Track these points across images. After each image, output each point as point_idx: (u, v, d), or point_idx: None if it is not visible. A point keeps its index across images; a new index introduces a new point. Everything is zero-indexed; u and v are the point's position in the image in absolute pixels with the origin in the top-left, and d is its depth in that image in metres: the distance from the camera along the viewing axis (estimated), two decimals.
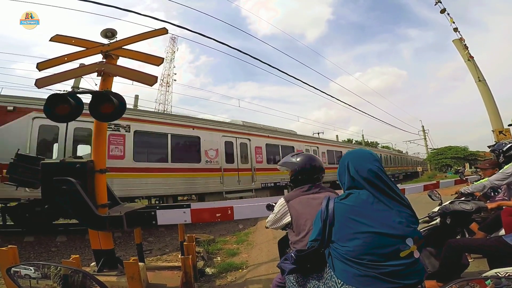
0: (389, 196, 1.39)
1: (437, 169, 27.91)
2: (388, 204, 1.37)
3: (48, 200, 2.67)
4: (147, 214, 2.68)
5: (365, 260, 1.29)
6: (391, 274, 1.28)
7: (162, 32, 3.55)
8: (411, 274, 1.31)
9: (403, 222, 1.33)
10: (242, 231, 7.73)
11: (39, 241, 6.82)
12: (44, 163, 2.74)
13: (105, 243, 2.93)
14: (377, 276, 1.27)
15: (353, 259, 1.31)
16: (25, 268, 1.19)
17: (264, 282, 3.74)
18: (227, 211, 2.80)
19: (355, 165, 1.48)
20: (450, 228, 2.76)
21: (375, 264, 1.28)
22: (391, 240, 1.30)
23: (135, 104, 24.55)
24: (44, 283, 1.15)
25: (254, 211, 3.05)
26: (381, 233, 1.30)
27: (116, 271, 2.89)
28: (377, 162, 1.48)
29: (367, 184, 1.41)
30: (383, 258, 1.28)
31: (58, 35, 3.47)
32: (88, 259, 5.15)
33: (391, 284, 1.28)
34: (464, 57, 12.81)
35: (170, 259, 5.36)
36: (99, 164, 2.94)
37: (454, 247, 2.47)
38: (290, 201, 1.98)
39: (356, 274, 1.30)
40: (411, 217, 1.38)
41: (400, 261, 1.29)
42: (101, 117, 2.80)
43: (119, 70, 3.19)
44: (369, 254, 1.29)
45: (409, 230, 1.33)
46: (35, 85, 3.01)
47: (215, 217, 2.81)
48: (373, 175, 1.41)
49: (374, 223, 1.32)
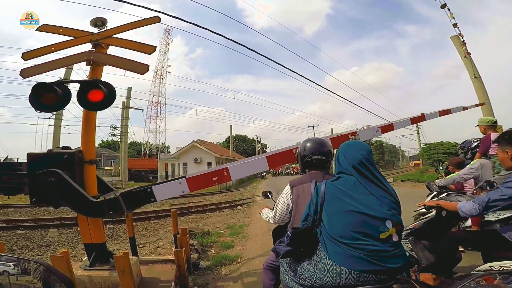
0: (373, 182, 1.54)
1: (429, 164, 28.28)
2: (371, 190, 1.51)
3: (35, 193, 2.56)
4: (143, 192, 2.56)
5: (349, 239, 1.43)
6: (375, 255, 1.41)
7: (155, 20, 3.43)
8: (394, 257, 1.44)
9: (384, 206, 1.47)
10: (237, 224, 7.71)
11: (30, 236, 6.72)
12: (30, 154, 2.62)
13: (96, 236, 2.85)
14: (363, 257, 1.41)
15: (340, 239, 1.45)
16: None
17: (259, 275, 3.72)
18: (223, 173, 2.68)
19: (344, 153, 1.66)
20: (445, 221, 2.72)
21: (359, 244, 1.42)
22: (372, 220, 1.44)
23: (128, 96, 24.32)
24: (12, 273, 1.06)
25: (250, 168, 2.91)
26: (363, 213, 1.45)
27: (109, 266, 2.82)
28: (364, 152, 1.63)
29: (353, 171, 1.57)
30: (365, 237, 1.42)
31: (45, 25, 3.34)
32: (81, 254, 5.08)
33: (376, 266, 1.41)
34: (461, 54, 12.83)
35: (164, 252, 5.33)
36: (88, 155, 2.84)
37: (451, 239, 2.45)
38: (295, 187, 2.05)
39: (345, 255, 1.43)
40: (393, 203, 1.52)
41: (380, 242, 1.42)
42: (90, 106, 2.69)
43: (109, 59, 3.08)
44: (353, 232, 1.43)
45: (389, 213, 1.47)
46: (20, 75, 2.90)
47: (212, 181, 2.69)
48: (359, 163, 1.57)
49: (358, 204, 1.47)
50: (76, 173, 2.65)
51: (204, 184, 2.75)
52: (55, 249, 6.08)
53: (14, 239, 6.50)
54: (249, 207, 11.20)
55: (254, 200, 12.94)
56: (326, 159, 2.18)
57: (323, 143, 2.26)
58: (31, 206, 10.55)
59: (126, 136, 25.00)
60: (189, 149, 27.91)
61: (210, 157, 27.32)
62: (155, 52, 3.39)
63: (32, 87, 2.50)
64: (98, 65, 3.03)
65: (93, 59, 2.97)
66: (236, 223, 7.91)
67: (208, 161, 27.27)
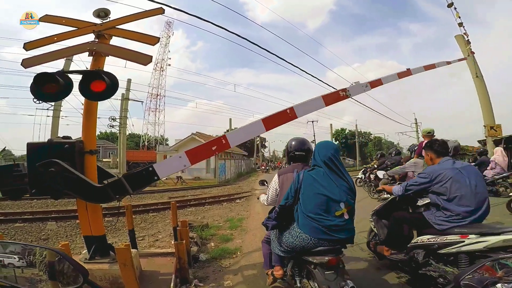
0: (337, 174, 2.13)
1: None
2: (334, 180, 2.10)
3: (36, 184, 2.52)
4: (145, 172, 2.53)
5: (315, 215, 2.03)
6: (330, 228, 2.01)
7: (158, 11, 3.40)
8: (343, 231, 2.06)
9: (341, 192, 2.07)
10: (236, 217, 7.73)
11: (29, 229, 6.70)
12: (30, 144, 2.59)
13: (96, 229, 2.84)
14: (322, 228, 2.02)
15: (308, 213, 2.05)
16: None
17: (259, 268, 3.73)
18: (221, 141, 2.67)
19: (318, 151, 2.24)
20: (398, 204, 3.35)
21: (321, 218, 2.02)
22: (331, 201, 2.04)
23: (127, 88, 24.10)
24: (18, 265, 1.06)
25: (247, 132, 2.89)
26: (326, 195, 2.04)
27: (108, 258, 2.82)
28: (333, 151, 2.22)
29: (323, 165, 2.16)
30: (325, 213, 2.03)
31: (48, 15, 3.34)
32: (79, 247, 5.07)
33: (329, 236, 2.02)
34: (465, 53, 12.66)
35: (163, 245, 5.33)
36: (89, 145, 2.83)
37: (395, 219, 3.12)
38: (281, 175, 2.68)
39: (310, 226, 2.04)
40: (348, 190, 2.11)
41: (335, 218, 2.03)
42: (92, 96, 2.67)
43: (112, 49, 3.07)
44: (318, 209, 2.04)
45: (343, 197, 2.07)
46: (21, 65, 2.91)
47: (211, 151, 2.67)
48: (328, 159, 2.16)
49: (324, 189, 2.05)
50: (77, 163, 2.63)
51: (204, 155, 2.72)
52: (54, 242, 6.08)
53: (13, 232, 6.49)
54: (248, 200, 11.22)
55: (253, 194, 12.95)
56: (306, 154, 2.77)
57: (304, 142, 2.88)
58: (29, 199, 10.52)
59: (125, 128, 24.85)
60: (188, 142, 27.77)
61: None
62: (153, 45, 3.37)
63: (34, 76, 2.47)
64: (100, 56, 3.01)
65: (95, 49, 2.95)
66: (235, 216, 7.92)
67: None
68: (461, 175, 2.66)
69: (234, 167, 27.97)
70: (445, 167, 2.77)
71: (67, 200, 9.50)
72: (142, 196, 13.35)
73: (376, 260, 3.53)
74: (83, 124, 2.93)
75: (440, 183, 2.69)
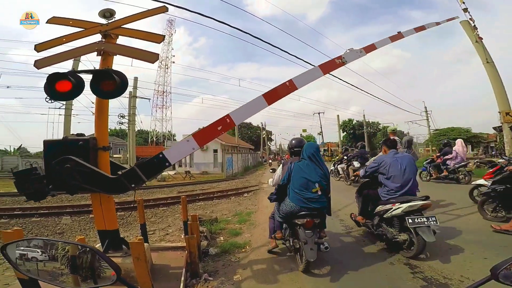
0: (316, 164, 3.35)
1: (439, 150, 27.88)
2: (313, 168, 3.31)
3: (53, 180, 2.60)
4: (156, 159, 2.62)
5: (299, 191, 3.22)
6: (308, 200, 3.19)
7: (162, 10, 3.45)
8: (317, 202, 3.26)
9: (317, 176, 3.27)
10: (244, 211, 7.79)
11: (45, 223, 6.91)
12: (46, 141, 2.69)
13: (110, 223, 2.92)
14: (303, 200, 3.20)
15: (295, 189, 3.25)
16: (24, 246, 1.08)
17: (268, 262, 3.79)
18: (226, 120, 2.74)
19: (305, 149, 3.50)
20: (370, 185, 4.42)
21: (302, 193, 3.22)
22: (309, 182, 3.23)
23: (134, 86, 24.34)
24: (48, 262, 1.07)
25: (250, 109, 2.95)
26: (307, 178, 3.23)
27: (121, 252, 2.90)
28: (314, 149, 3.50)
29: (307, 158, 3.37)
30: (305, 190, 3.22)
31: (55, 17, 3.38)
32: (93, 241, 5.22)
33: (308, 205, 3.20)
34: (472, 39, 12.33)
35: (173, 239, 5.44)
36: (101, 142, 2.91)
37: (364, 196, 4.28)
38: (284, 165, 3.82)
39: (296, 198, 3.22)
40: (322, 175, 3.33)
41: (312, 193, 3.21)
42: (103, 95, 2.76)
43: (119, 48, 3.14)
44: (301, 187, 3.23)
45: (318, 179, 3.28)
46: (34, 66, 2.98)
47: (217, 131, 2.75)
48: (310, 155, 3.38)
49: (305, 174, 3.24)
50: (91, 159, 2.71)
51: (211, 136, 2.79)
52: (69, 236, 6.28)
53: (30, 226, 6.71)
54: (256, 194, 11.26)
55: (261, 188, 13.00)
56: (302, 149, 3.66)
57: (301, 140, 4.07)
58: None
59: (134, 125, 25.14)
60: None
61: (216, 145, 27.36)
62: (159, 43, 3.43)
63: (47, 77, 2.55)
64: (108, 55, 3.07)
65: (103, 49, 3.01)
66: (244, 210, 7.98)
67: (214, 148, 27.34)
68: (396, 162, 3.88)
69: (241, 161, 28.08)
70: (388, 156, 4.05)
71: (81, 196, 9.75)
72: (152, 191, 13.58)
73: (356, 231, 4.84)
74: (95, 122, 3.02)
75: (383, 167, 3.95)
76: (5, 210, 8.14)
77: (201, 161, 27.34)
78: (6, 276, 3.77)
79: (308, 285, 3.10)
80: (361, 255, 3.87)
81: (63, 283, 1.06)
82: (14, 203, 9.65)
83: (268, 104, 2.96)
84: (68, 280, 1.07)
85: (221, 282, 3.23)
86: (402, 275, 3.19)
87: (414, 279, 3.08)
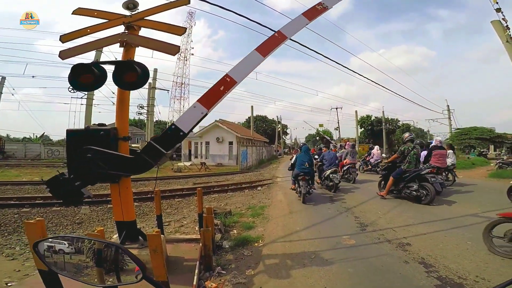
0: (306, 155, 7.95)
1: (460, 150, 26.73)
2: (304, 156, 7.86)
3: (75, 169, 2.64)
4: (170, 131, 2.61)
5: (299, 166, 7.73)
6: (301, 169, 7.60)
7: (184, 2, 3.42)
8: (306, 170, 7.58)
9: (305, 160, 7.73)
10: (258, 204, 7.83)
11: (64, 213, 7.14)
12: (69, 130, 2.74)
13: (127, 214, 2.99)
14: (300, 168, 7.66)
15: (298, 165, 7.78)
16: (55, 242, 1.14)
17: (280, 257, 3.79)
18: (226, 80, 2.75)
19: (303, 148, 8.55)
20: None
21: (300, 166, 7.67)
22: (303, 162, 7.69)
23: (154, 77, 24.77)
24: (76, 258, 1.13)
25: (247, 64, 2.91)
26: (302, 160, 7.74)
27: (138, 244, 2.97)
28: (306, 149, 8.34)
29: (303, 152, 8.07)
30: (301, 165, 7.67)
31: (80, 8, 3.44)
32: (110, 232, 5.38)
33: (303, 171, 7.56)
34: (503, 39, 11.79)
35: (188, 231, 5.53)
36: (122, 132, 2.96)
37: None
38: (294, 155, 8.77)
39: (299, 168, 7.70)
40: (309, 160, 7.81)
41: (304, 167, 7.60)
42: (125, 86, 2.81)
43: (142, 40, 3.16)
44: (300, 164, 7.73)
45: (306, 160, 7.73)
46: (59, 57, 3.05)
47: (220, 91, 2.73)
48: (304, 150, 8.19)
49: (302, 158, 7.78)
50: (112, 149, 2.75)
51: (215, 97, 2.74)
52: (87, 227, 6.48)
53: (50, 215, 6.93)
54: (270, 188, 11.25)
55: (274, 182, 12.99)
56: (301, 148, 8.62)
57: (303, 145, 9.75)
58: None
59: (152, 115, 25.73)
60: (211, 129, 28.17)
61: (232, 137, 27.48)
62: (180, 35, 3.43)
63: (71, 68, 2.59)
64: (131, 47, 3.10)
65: (126, 40, 3.05)
66: (257, 204, 8.02)
67: (230, 141, 27.47)
68: (329, 156, 9.42)
69: (256, 154, 28.10)
70: (328, 153, 9.69)
71: (99, 185, 10.07)
72: (168, 182, 13.87)
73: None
74: (116, 112, 3.07)
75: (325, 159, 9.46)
76: (27, 199, 8.44)
77: (216, 153, 27.60)
78: (26, 267, 3.95)
79: (321, 281, 3.09)
80: (374, 253, 3.81)
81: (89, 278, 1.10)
82: (37, 192, 10.06)
83: (263, 56, 2.92)
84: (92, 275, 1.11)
85: (233, 276, 3.26)
86: (416, 274, 3.17)
87: (428, 278, 3.05)
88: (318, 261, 3.63)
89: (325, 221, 5.69)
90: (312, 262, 3.60)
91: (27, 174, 16.18)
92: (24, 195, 9.29)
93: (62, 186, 2.64)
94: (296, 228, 5.20)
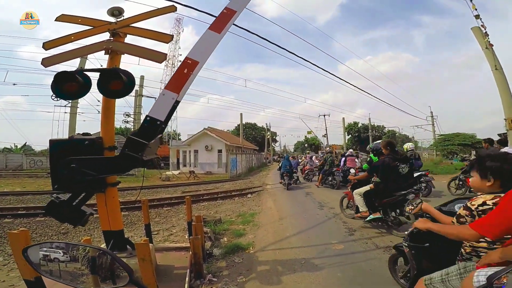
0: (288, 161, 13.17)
1: (443, 156, 27.52)
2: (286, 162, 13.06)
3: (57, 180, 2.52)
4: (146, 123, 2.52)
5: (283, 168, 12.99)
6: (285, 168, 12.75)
7: (171, 9, 3.42)
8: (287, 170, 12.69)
9: (287, 164, 12.93)
10: (248, 212, 7.79)
11: (49, 223, 6.90)
12: (52, 140, 2.65)
13: (114, 223, 2.93)
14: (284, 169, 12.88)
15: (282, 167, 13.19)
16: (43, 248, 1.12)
17: (271, 264, 3.79)
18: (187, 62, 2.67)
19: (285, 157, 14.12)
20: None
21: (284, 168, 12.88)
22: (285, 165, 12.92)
23: (140, 84, 24.56)
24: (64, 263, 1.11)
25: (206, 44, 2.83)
26: (285, 164, 13.02)
27: (126, 253, 2.91)
28: (287, 157, 13.91)
29: (285, 159, 13.50)
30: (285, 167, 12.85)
31: (64, 15, 3.37)
32: (97, 241, 5.23)
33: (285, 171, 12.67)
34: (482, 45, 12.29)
35: (177, 240, 5.44)
36: (108, 141, 2.89)
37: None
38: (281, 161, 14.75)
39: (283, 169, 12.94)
40: (289, 164, 13.02)
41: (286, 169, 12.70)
42: (110, 94, 2.73)
43: (127, 47, 3.12)
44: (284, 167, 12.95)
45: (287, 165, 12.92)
46: (41, 64, 2.97)
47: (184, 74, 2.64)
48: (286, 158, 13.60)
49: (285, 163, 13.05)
50: None
51: (182, 80, 2.66)
52: (73, 236, 6.26)
53: (34, 226, 6.66)
54: (259, 195, 11.24)
55: (264, 189, 13.00)
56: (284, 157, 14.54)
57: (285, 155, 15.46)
58: (49, 193, 10.89)
59: (139, 124, 25.36)
60: (200, 137, 28.02)
61: (221, 145, 27.38)
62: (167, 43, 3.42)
63: (54, 75, 2.51)
64: (116, 54, 3.06)
65: (111, 48, 3.00)
66: (247, 211, 7.97)
67: (219, 149, 27.35)
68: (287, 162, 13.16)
69: (245, 162, 28.05)
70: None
71: None
72: (156, 190, 13.64)
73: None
74: (102, 121, 3.00)
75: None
76: (9, 209, 8.13)
77: (205, 161, 27.40)
78: (11, 277, 3.80)
79: (311, 286, 3.11)
80: (363, 257, 3.86)
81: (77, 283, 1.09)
82: (19, 203, 9.71)
83: (219, 33, 2.85)
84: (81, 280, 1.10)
85: (225, 283, 3.22)
86: None
87: None
88: (308, 267, 3.65)
89: (314, 226, 5.72)
90: (302, 268, 3.62)
91: (9, 184, 15.59)
92: (6, 206, 8.95)
93: (61, 208, 2.57)
94: (286, 234, 5.21)
